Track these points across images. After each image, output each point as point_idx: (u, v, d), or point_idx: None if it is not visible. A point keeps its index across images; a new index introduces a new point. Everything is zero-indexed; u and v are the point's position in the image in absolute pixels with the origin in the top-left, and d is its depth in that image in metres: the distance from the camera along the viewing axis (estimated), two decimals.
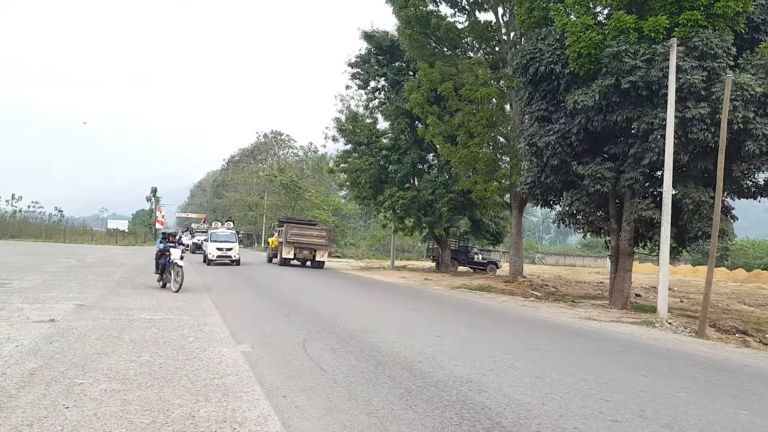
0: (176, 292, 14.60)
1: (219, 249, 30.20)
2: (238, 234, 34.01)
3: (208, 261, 30.27)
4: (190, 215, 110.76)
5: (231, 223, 34.67)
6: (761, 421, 5.85)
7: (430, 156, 36.80)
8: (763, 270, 52.15)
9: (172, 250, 15.32)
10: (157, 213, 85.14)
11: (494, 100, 27.44)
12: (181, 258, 15.21)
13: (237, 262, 30.63)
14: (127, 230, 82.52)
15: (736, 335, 13.65)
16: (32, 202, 78.36)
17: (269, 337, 9.26)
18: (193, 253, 41.30)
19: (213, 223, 35.73)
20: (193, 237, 46.95)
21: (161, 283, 15.84)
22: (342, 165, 38.53)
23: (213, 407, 5.22)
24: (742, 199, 18.03)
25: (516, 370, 7.56)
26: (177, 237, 16.54)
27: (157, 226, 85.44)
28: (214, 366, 6.85)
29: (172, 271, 15.24)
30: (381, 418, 5.23)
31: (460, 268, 39.21)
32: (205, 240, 33.53)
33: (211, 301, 13.70)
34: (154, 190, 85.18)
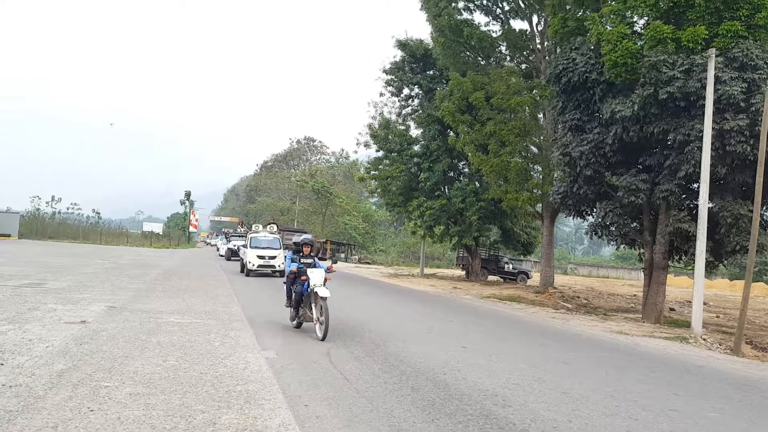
0: (322, 340, 9.46)
1: (260, 257, 25.56)
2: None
3: (246, 271, 25.78)
4: (223, 219, 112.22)
5: (274, 227, 29.67)
6: None
7: (461, 164, 36.66)
8: None
9: (310, 272, 10.22)
10: (191, 216, 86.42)
11: (527, 109, 27.21)
12: (325, 283, 10.15)
13: (282, 273, 23.82)
14: (161, 233, 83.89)
15: None
16: (71, 204, 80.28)
17: (295, 344, 9.28)
18: (228, 260, 39.84)
19: (253, 227, 30.10)
20: (228, 242, 45.24)
21: (295, 322, 10.77)
22: (373, 172, 38.64)
23: (235, 414, 5.24)
24: None
25: (542, 384, 7.42)
26: (317, 250, 11.57)
27: (191, 229, 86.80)
28: (238, 372, 6.88)
29: (312, 306, 10.13)
30: (401, 431, 5.18)
31: (490, 278, 38.87)
32: (243, 246, 29.57)
33: (240, 306, 13.81)
34: (188, 194, 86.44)
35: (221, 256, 45.09)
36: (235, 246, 40.29)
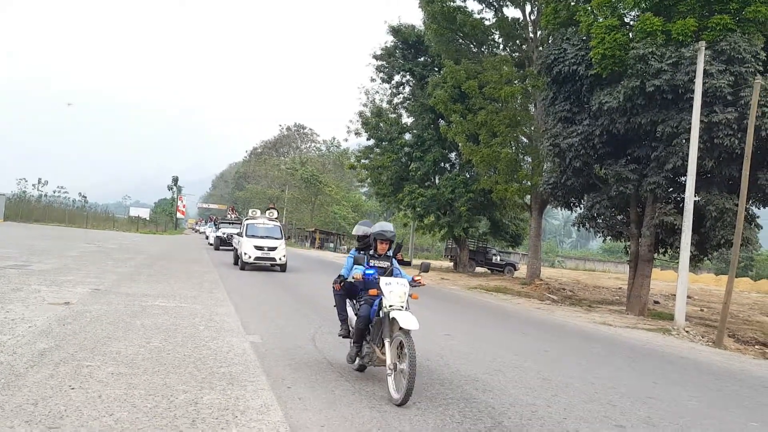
0: (400, 403, 5.57)
1: (258, 248, 21.73)
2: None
3: (241, 263, 21.93)
4: (212, 206, 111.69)
5: (274, 212, 25.59)
6: None
7: (452, 155, 36.60)
8: None
9: (385, 283, 6.07)
10: (179, 203, 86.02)
11: (518, 98, 27.22)
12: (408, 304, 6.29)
13: (283, 268, 22.30)
14: (148, 218, 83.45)
15: (756, 347, 13.37)
16: (58, 187, 79.68)
17: (280, 329, 9.30)
18: (217, 249, 36.14)
19: (250, 212, 26.36)
20: (217, 229, 40.59)
21: (356, 363, 6.68)
22: (363, 161, 38.50)
23: (217, 395, 5.25)
24: (767, 207, 17.65)
25: (523, 371, 7.49)
26: (398, 248, 8.03)
27: (179, 215, 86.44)
28: (222, 355, 6.89)
29: (386, 342, 6.02)
30: (383, 413, 5.22)
31: (478, 269, 38.98)
32: (238, 234, 25.69)
33: (225, 290, 13.79)
34: (176, 180, 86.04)
35: (210, 245, 41.46)
36: (224, 234, 36.94)
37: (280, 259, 21.98)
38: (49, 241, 28.52)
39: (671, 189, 16.90)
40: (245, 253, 21.69)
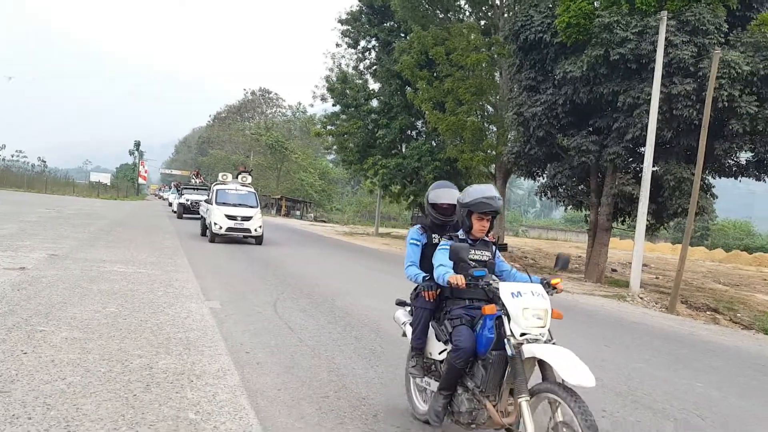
0: None
1: (230, 217, 19.39)
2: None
3: (211, 235, 19.55)
4: (175, 172, 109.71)
5: (248, 177, 23.00)
6: (715, 394, 5.96)
7: (419, 123, 36.48)
8: (742, 251, 52.86)
9: (507, 292, 3.51)
10: (140, 168, 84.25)
11: (484, 66, 27.15)
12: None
13: (259, 240, 20.12)
14: (109, 184, 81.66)
15: (707, 312, 13.84)
16: (16, 151, 77.41)
17: (241, 295, 9.25)
18: (180, 217, 33.42)
19: (220, 176, 23.61)
20: (181, 196, 37.40)
21: (439, 419, 3.91)
22: (329, 127, 38.10)
23: (173, 360, 5.21)
24: (723, 177, 18.10)
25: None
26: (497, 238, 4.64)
27: (140, 181, 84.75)
28: (180, 321, 6.83)
29: (521, 405, 3.28)
30: (341, 376, 5.27)
31: None
32: (206, 201, 22.96)
33: (186, 258, 13.64)
34: (138, 144, 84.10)
35: (174, 212, 39.05)
36: (188, 201, 34.30)
37: (255, 230, 19.71)
38: (6, 206, 27.69)
39: (631, 159, 17.19)
40: (215, 224, 19.28)
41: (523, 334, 3.39)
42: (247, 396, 4.48)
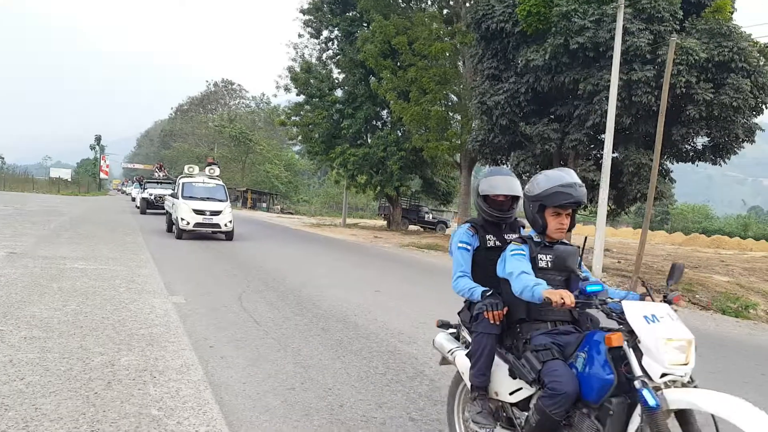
0: None
1: (199, 212, 18.30)
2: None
3: (178, 231, 18.38)
4: (137, 166, 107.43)
5: (216, 169, 21.62)
6: None
7: (384, 112, 36.45)
8: (700, 234, 54.34)
9: (646, 319, 2.56)
10: (102, 162, 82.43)
11: (448, 55, 27.27)
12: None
13: (229, 236, 19.03)
14: (70, 179, 79.71)
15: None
16: None
17: (206, 289, 9.16)
18: (144, 213, 32.06)
19: (186, 168, 21.78)
20: (144, 190, 36.13)
21: None
22: (294, 118, 37.79)
23: (135, 356, 5.14)
24: (680, 162, 18.57)
25: None
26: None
27: (102, 176, 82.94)
28: (142, 316, 6.73)
29: None
30: (307, 368, 5.27)
31: (411, 227, 39.51)
32: (171, 195, 21.69)
33: (149, 253, 13.44)
34: (98, 138, 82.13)
35: (137, 207, 37.17)
36: (151, 195, 33.02)
37: (225, 225, 18.58)
38: None
39: (592, 146, 17.50)
40: (182, 219, 18.14)
41: (663, 375, 2.43)
42: (211, 390, 4.45)
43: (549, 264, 3.11)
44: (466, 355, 3.34)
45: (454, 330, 3.76)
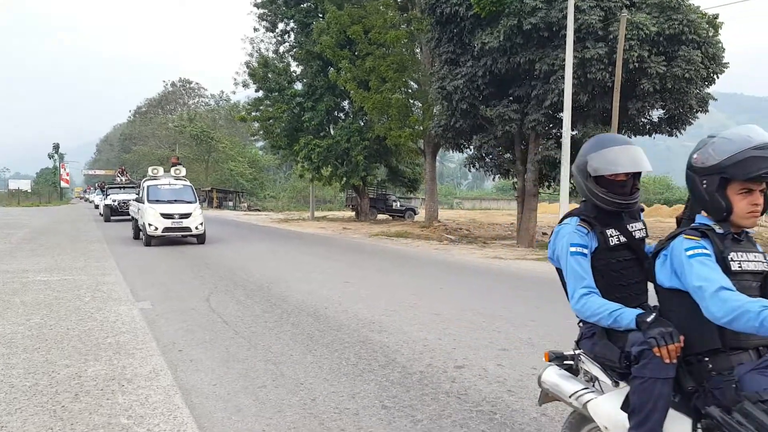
0: None
1: (167, 216, 17.32)
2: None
3: (146, 238, 17.38)
4: (98, 172, 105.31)
5: (182, 169, 20.61)
6: None
7: (345, 103, 36.27)
8: (662, 204, 55.54)
9: None
10: (62, 171, 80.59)
11: (404, 43, 27.25)
12: None
13: (201, 239, 18.11)
14: (30, 190, 77.76)
15: None
16: None
17: (173, 292, 9.06)
18: (108, 220, 31.13)
19: (150, 170, 20.51)
20: (106, 197, 34.98)
21: None
22: (254, 113, 37.36)
23: (102, 366, 5.08)
24: (638, 136, 18.92)
25: (418, 309, 7.76)
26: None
27: (63, 185, 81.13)
28: (108, 325, 6.65)
29: None
30: (278, 365, 5.27)
31: (380, 216, 39.53)
32: (136, 200, 20.71)
33: (114, 260, 13.23)
34: (57, 146, 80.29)
35: (101, 215, 35.77)
36: (115, 202, 31.86)
37: (196, 228, 17.65)
38: None
39: (551, 125, 17.73)
40: (149, 225, 17.15)
41: None
42: (181, 395, 4.42)
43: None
44: (626, 410, 2.23)
45: (571, 362, 2.72)
